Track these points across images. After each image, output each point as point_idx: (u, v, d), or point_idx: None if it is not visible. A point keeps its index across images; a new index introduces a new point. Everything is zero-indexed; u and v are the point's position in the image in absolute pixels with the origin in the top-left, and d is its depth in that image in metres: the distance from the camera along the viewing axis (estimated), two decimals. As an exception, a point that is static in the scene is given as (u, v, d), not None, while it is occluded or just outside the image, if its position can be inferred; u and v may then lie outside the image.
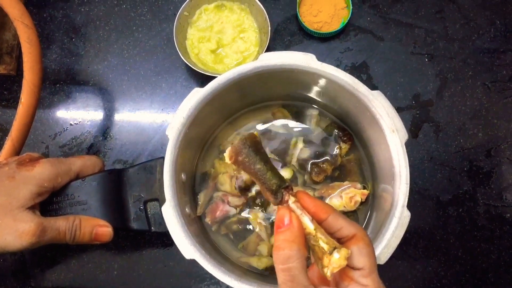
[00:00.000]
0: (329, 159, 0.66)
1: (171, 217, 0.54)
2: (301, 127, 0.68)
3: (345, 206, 0.64)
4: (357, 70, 0.76)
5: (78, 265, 0.71)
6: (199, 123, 0.60)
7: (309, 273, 0.42)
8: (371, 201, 0.65)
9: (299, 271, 0.37)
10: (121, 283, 0.70)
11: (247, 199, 0.66)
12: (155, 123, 0.75)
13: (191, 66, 0.71)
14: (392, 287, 0.70)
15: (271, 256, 0.64)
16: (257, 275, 0.63)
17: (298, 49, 0.76)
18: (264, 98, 0.69)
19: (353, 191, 0.64)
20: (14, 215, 0.52)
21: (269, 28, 0.71)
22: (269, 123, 0.69)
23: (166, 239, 0.71)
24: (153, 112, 0.76)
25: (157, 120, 0.76)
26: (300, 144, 0.67)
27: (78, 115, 0.76)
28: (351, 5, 0.74)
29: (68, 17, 0.80)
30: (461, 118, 0.74)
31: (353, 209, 0.64)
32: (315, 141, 0.68)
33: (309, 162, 0.66)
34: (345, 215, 0.50)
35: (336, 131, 0.67)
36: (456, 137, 0.73)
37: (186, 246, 0.53)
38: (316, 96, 0.65)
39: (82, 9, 0.80)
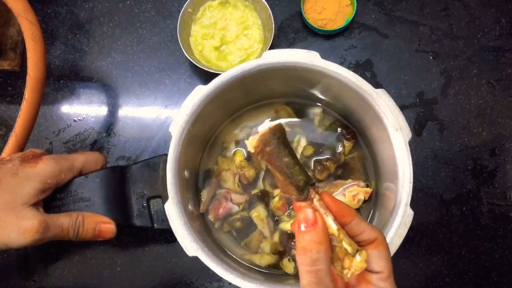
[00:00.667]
0: (332, 157, 0.66)
1: (174, 214, 0.54)
2: (304, 125, 0.68)
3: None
4: (361, 68, 0.75)
5: (81, 261, 0.71)
6: (202, 120, 0.60)
7: None
8: (374, 199, 0.65)
9: (326, 273, 0.37)
10: (124, 280, 0.71)
11: (250, 196, 0.66)
12: (158, 119, 0.75)
13: (194, 63, 0.71)
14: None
15: (273, 254, 0.64)
16: (259, 272, 0.63)
17: (302, 46, 0.76)
18: (267, 96, 0.68)
19: (356, 189, 0.64)
20: (17, 212, 0.53)
21: (273, 25, 0.71)
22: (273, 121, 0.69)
23: (169, 235, 0.71)
24: (156, 108, 0.76)
25: (160, 116, 0.76)
26: (303, 142, 0.67)
27: (82, 111, 0.77)
28: (355, 2, 0.74)
29: (72, 13, 0.80)
30: (465, 117, 0.73)
31: (356, 207, 0.64)
32: (318, 139, 0.67)
33: (312, 160, 0.66)
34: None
35: (339, 129, 0.67)
36: (460, 135, 0.73)
37: (189, 243, 0.53)
38: (320, 94, 0.65)
39: (86, 5, 0.80)
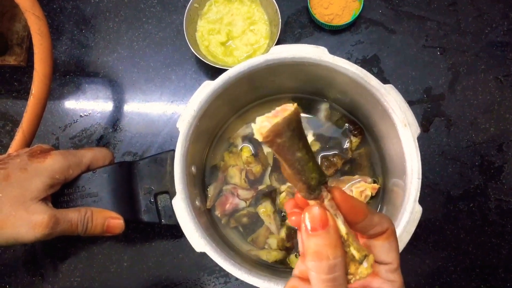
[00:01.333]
0: (339, 153, 0.66)
1: (182, 210, 0.54)
2: (311, 121, 0.68)
3: (355, 200, 0.63)
4: (368, 63, 0.75)
5: (88, 256, 0.72)
6: (209, 116, 0.59)
7: None
8: (381, 195, 0.65)
9: (343, 280, 0.33)
10: (131, 275, 0.71)
11: (256, 192, 0.66)
12: (164, 115, 0.75)
13: (201, 58, 0.71)
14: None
15: (280, 250, 0.64)
16: (266, 268, 0.63)
17: (308, 41, 0.76)
18: (274, 91, 0.68)
19: (363, 185, 0.64)
20: (27, 207, 0.53)
21: (280, 20, 0.71)
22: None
23: (176, 231, 0.71)
24: (162, 104, 0.76)
25: (166, 112, 0.75)
26: (310, 138, 0.67)
27: (88, 106, 0.77)
28: (362, -3, 0.73)
29: (78, 8, 0.79)
30: (473, 112, 0.73)
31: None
32: (325, 135, 0.67)
33: (319, 155, 0.66)
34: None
35: (346, 125, 0.67)
36: (468, 131, 0.72)
37: (197, 239, 0.53)
38: (327, 89, 0.65)
39: (92, 0, 0.80)
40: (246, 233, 0.66)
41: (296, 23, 0.77)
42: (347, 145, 0.66)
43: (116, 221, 0.59)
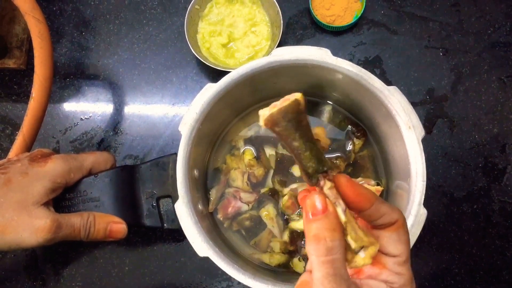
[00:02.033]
0: (342, 155, 0.66)
1: (184, 214, 0.54)
2: (314, 123, 0.67)
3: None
4: (370, 64, 0.74)
5: (89, 260, 0.71)
6: (211, 118, 0.59)
7: None
8: (385, 197, 0.64)
9: (341, 263, 0.34)
10: (133, 279, 0.70)
11: (259, 195, 0.66)
12: (166, 117, 0.75)
13: (202, 60, 0.70)
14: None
15: (283, 253, 0.64)
16: (269, 272, 0.63)
17: (310, 43, 0.75)
18: (276, 93, 0.67)
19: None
20: (29, 211, 0.52)
21: (281, 21, 0.70)
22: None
23: (178, 235, 0.71)
24: (163, 106, 0.75)
25: (168, 114, 0.75)
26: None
27: (89, 109, 0.76)
28: (364, -2, 0.73)
29: (78, 11, 0.79)
30: (476, 113, 0.72)
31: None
32: (328, 137, 0.67)
33: (322, 158, 0.65)
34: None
35: (349, 127, 0.66)
36: (471, 132, 0.72)
37: (200, 243, 0.53)
38: (330, 91, 0.64)
39: (92, 3, 0.79)
40: (248, 236, 0.65)
41: (298, 24, 0.76)
42: (350, 147, 0.66)
43: (118, 226, 0.58)
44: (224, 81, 0.57)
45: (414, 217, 0.52)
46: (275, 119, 0.35)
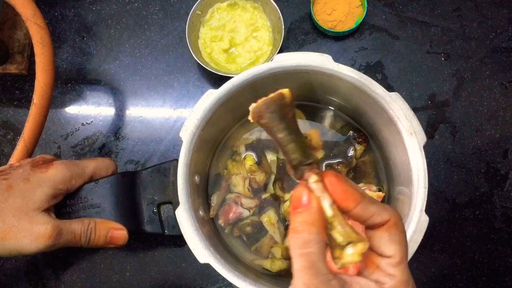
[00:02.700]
0: (343, 160, 0.65)
1: (185, 220, 0.54)
2: (315, 128, 0.67)
3: (360, 209, 0.63)
4: (372, 70, 0.74)
5: (90, 266, 0.71)
6: (212, 124, 0.59)
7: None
8: (386, 203, 0.64)
9: (318, 257, 0.33)
10: (133, 285, 0.70)
11: (260, 200, 0.65)
12: (167, 123, 0.75)
13: (203, 65, 0.70)
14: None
15: (284, 259, 0.64)
16: (270, 278, 0.62)
17: (311, 48, 0.75)
18: (277, 99, 0.68)
19: (368, 193, 0.63)
20: (30, 218, 0.52)
21: (283, 27, 0.70)
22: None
23: (179, 240, 0.70)
24: (165, 111, 0.75)
25: (169, 120, 0.75)
26: (314, 145, 0.66)
27: (90, 114, 0.76)
28: (366, 3, 0.73)
29: (80, 16, 0.79)
30: (478, 119, 0.72)
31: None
32: (330, 142, 0.67)
33: (324, 163, 0.65)
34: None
35: (351, 132, 0.66)
36: (473, 138, 0.72)
37: (201, 250, 0.53)
38: (331, 97, 0.64)
39: (94, 8, 0.79)
40: (250, 242, 0.65)
41: (299, 29, 0.76)
42: (351, 152, 0.66)
43: (119, 232, 0.58)
44: (226, 87, 0.57)
45: (416, 224, 0.52)
46: (260, 110, 0.36)
